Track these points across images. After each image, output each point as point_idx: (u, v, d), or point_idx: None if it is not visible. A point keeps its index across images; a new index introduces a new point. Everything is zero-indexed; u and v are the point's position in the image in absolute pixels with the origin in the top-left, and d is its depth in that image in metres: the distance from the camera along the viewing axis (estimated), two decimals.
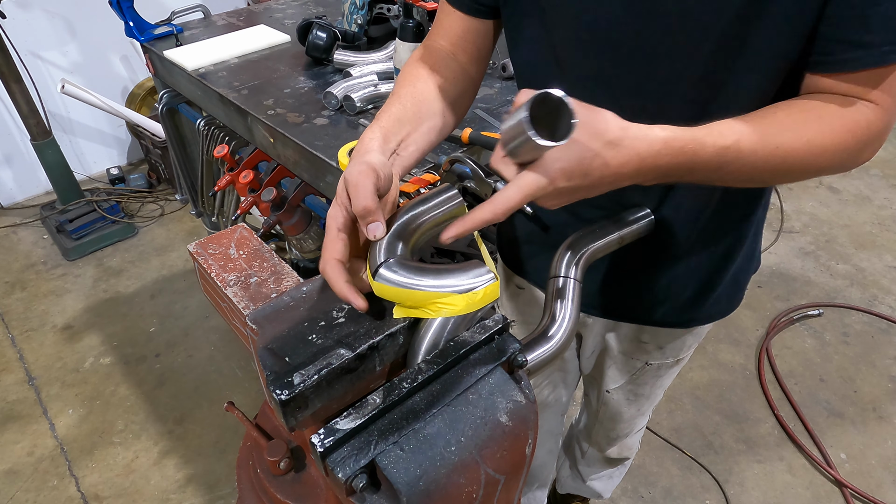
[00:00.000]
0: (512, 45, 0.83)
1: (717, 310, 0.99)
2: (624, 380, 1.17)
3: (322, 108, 1.45)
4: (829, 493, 1.88)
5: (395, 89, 0.78)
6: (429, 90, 0.78)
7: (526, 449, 0.55)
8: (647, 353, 1.08)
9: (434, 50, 0.83)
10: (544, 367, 0.66)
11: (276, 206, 1.57)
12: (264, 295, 0.68)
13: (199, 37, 1.86)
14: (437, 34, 0.85)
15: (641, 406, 1.23)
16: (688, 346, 1.08)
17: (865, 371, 2.26)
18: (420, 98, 0.76)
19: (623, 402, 1.22)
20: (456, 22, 0.82)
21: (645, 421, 1.34)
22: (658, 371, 1.13)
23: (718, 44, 0.65)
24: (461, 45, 0.83)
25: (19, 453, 1.99)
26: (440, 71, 0.80)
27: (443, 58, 0.82)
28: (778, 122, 0.62)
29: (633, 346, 1.09)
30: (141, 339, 2.40)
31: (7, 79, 2.57)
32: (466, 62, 0.84)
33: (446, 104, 0.79)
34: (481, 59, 0.86)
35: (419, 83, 0.78)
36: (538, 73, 0.80)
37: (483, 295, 0.57)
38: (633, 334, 1.07)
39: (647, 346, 1.07)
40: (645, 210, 0.82)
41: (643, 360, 1.10)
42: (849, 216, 3.05)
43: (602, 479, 1.56)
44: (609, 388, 1.20)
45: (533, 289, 1.08)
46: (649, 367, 1.11)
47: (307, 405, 0.52)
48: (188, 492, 1.87)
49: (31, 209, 3.14)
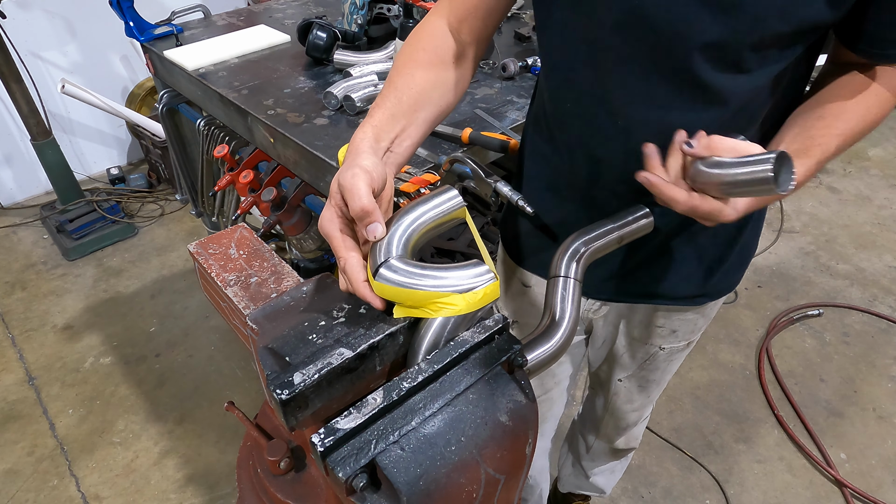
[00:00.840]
0: (541, 28, 0.81)
1: (725, 284, 1.01)
2: (636, 367, 1.18)
3: (322, 108, 1.45)
4: (829, 493, 1.88)
5: (391, 76, 0.77)
6: (427, 79, 0.77)
7: (526, 448, 0.55)
8: (661, 338, 1.10)
9: (437, 28, 0.82)
10: (544, 367, 0.66)
11: (276, 206, 1.57)
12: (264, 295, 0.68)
13: (199, 37, 1.86)
14: (444, 8, 0.83)
15: (651, 393, 1.25)
16: (698, 329, 1.10)
17: (865, 371, 2.26)
18: (418, 89, 0.75)
19: (634, 389, 1.23)
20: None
21: (650, 409, 1.36)
22: (670, 356, 1.14)
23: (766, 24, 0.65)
24: (469, 21, 0.81)
25: (19, 453, 1.99)
26: (440, 54, 0.79)
27: (446, 38, 0.81)
28: (852, 112, 0.74)
29: (646, 332, 1.10)
30: (141, 339, 2.40)
31: (7, 79, 2.57)
32: (470, 41, 0.83)
33: (445, 91, 0.79)
34: (485, 38, 0.85)
35: (418, 72, 0.77)
36: (569, 56, 0.79)
37: (483, 295, 0.57)
38: (647, 319, 1.08)
39: (661, 331, 1.08)
40: (644, 210, 0.82)
41: (657, 346, 1.11)
42: (849, 216, 3.05)
43: (605, 474, 1.57)
44: (621, 376, 1.22)
45: (537, 287, 1.08)
46: (662, 351, 1.12)
47: (307, 405, 0.52)
48: (188, 492, 1.87)
49: (32, 209, 3.14)
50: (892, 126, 3.80)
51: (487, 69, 1.63)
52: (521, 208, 0.92)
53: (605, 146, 0.82)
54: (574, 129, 0.85)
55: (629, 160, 0.80)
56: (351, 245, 0.60)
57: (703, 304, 1.03)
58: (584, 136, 0.83)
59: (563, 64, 0.81)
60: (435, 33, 0.81)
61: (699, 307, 1.04)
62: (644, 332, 1.10)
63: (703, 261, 0.95)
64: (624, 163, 0.80)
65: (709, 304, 1.04)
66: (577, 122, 0.83)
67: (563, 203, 0.92)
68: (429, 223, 0.63)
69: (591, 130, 0.82)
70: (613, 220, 0.81)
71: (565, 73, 0.81)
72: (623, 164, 0.81)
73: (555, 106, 0.86)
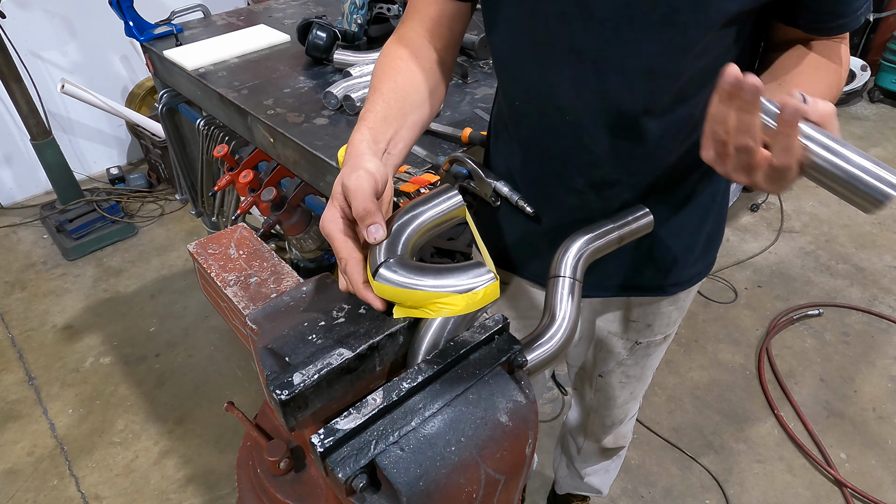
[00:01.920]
0: (490, 27, 0.83)
1: (695, 271, 1.02)
2: (615, 362, 1.19)
3: (322, 107, 1.45)
4: (829, 493, 1.88)
5: (374, 83, 0.78)
6: (409, 83, 0.78)
7: (526, 449, 0.55)
8: (637, 332, 1.11)
9: (409, 39, 0.83)
10: (544, 367, 0.66)
11: (276, 205, 1.57)
12: (264, 295, 0.68)
13: (199, 36, 1.86)
14: (412, 20, 0.85)
15: (634, 389, 1.26)
16: (673, 322, 1.11)
17: (865, 371, 2.26)
18: (402, 93, 0.76)
19: (616, 385, 1.24)
20: (432, 6, 0.83)
21: (636, 407, 1.36)
22: (647, 350, 1.15)
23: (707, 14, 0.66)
24: (436, 30, 0.84)
25: (19, 453, 1.99)
26: (417, 61, 0.81)
27: (418, 46, 0.82)
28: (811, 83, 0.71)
29: (622, 327, 1.11)
30: (141, 338, 2.40)
31: (7, 79, 2.57)
32: (441, 48, 0.85)
33: (426, 94, 0.80)
34: (454, 44, 0.87)
35: (399, 76, 0.78)
36: (518, 52, 0.80)
37: (483, 295, 0.57)
38: (622, 314, 1.09)
39: (637, 325, 1.10)
40: (644, 210, 0.83)
41: (633, 340, 1.13)
42: (849, 216, 3.05)
43: (599, 474, 1.58)
44: (602, 371, 1.23)
45: (521, 283, 1.08)
46: (639, 345, 1.14)
47: (307, 405, 0.52)
48: (188, 492, 1.87)
49: (31, 209, 3.14)
50: (892, 126, 3.80)
51: (487, 69, 1.63)
52: (520, 208, 0.92)
53: (556, 142, 0.83)
54: (526, 127, 0.86)
55: (581, 154, 0.82)
56: (352, 246, 0.60)
57: (674, 294, 1.04)
58: (536, 132, 0.85)
59: (511, 61, 0.82)
60: (408, 43, 0.83)
61: (671, 297, 1.04)
62: (619, 326, 1.12)
63: (671, 248, 0.96)
64: (577, 157, 0.83)
65: (681, 295, 1.05)
66: (528, 118, 0.85)
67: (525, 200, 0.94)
68: (429, 223, 0.63)
69: (542, 127, 0.83)
70: (613, 219, 0.81)
71: (513, 69, 0.83)
72: (576, 158, 0.83)
73: (508, 104, 0.88)
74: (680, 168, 0.85)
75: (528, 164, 0.91)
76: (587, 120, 0.78)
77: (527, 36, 0.77)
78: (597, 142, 0.80)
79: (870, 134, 3.72)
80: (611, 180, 0.84)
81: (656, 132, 0.78)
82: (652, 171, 0.84)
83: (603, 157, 0.82)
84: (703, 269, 1.03)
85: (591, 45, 0.72)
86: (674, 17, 0.68)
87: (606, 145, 0.80)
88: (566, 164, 0.85)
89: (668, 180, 0.86)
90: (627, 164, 0.82)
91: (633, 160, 0.82)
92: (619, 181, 0.84)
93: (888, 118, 3.89)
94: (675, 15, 0.67)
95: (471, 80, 1.56)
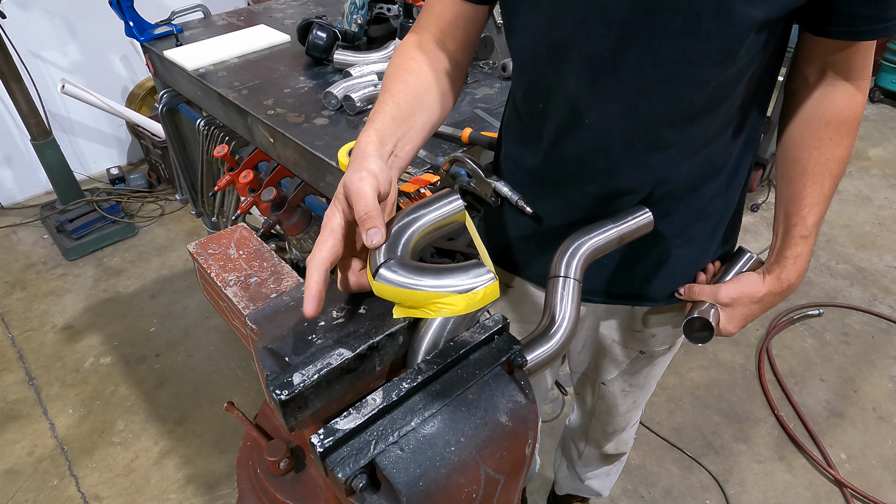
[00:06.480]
0: (509, 32, 0.82)
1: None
2: (619, 371, 1.18)
3: (322, 108, 1.45)
4: (829, 493, 1.88)
5: (385, 84, 0.77)
6: (421, 84, 0.78)
7: (526, 449, 0.55)
8: (641, 342, 1.09)
9: (423, 40, 0.83)
10: (544, 367, 0.66)
11: (276, 206, 1.57)
12: (264, 295, 0.67)
13: (199, 37, 1.86)
14: (427, 21, 0.84)
15: (636, 398, 1.25)
16: (679, 332, 1.09)
17: (865, 371, 2.26)
18: (413, 94, 0.76)
19: (619, 394, 1.23)
20: (448, 8, 0.82)
21: (639, 414, 1.35)
22: (651, 359, 1.14)
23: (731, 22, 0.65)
24: (451, 31, 0.83)
25: (19, 453, 1.99)
26: (431, 62, 0.80)
27: (432, 48, 0.82)
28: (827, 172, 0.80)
29: (626, 335, 1.09)
30: (141, 339, 2.40)
31: (7, 79, 2.57)
32: (455, 50, 0.84)
33: (438, 96, 0.79)
34: (469, 46, 0.86)
35: (411, 77, 0.78)
36: (537, 57, 0.79)
37: (483, 295, 0.57)
38: (627, 322, 1.08)
39: (641, 335, 1.08)
40: (644, 210, 0.82)
41: (637, 350, 1.11)
42: (849, 216, 3.05)
43: (600, 478, 1.57)
44: (605, 379, 1.21)
45: (525, 285, 1.08)
46: (643, 355, 1.12)
47: (307, 405, 0.52)
48: (188, 492, 1.87)
49: (31, 209, 3.14)
50: (892, 126, 3.80)
51: (487, 69, 1.63)
52: (520, 208, 0.92)
53: (573, 146, 0.82)
54: (544, 130, 0.85)
55: (598, 158, 0.81)
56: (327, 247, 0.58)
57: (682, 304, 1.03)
58: (554, 135, 0.84)
59: (531, 64, 0.82)
60: (423, 44, 0.82)
61: (678, 306, 1.03)
62: (624, 335, 1.10)
63: (682, 259, 0.95)
64: (593, 161, 0.81)
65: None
66: (546, 122, 0.84)
67: (537, 203, 0.92)
68: (428, 226, 0.63)
69: (560, 130, 0.82)
70: (614, 220, 0.81)
71: (532, 73, 0.82)
72: (592, 163, 0.82)
73: (526, 108, 0.87)
74: (696, 178, 0.84)
75: (545, 167, 0.89)
76: (605, 126, 0.77)
77: (546, 40, 0.76)
78: (613, 148, 0.79)
79: (870, 134, 3.72)
80: (625, 187, 0.83)
81: (674, 141, 0.77)
82: (667, 181, 0.83)
83: (619, 164, 0.81)
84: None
85: (610, 51, 0.71)
86: (696, 25, 0.66)
87: (623, 152, 0.79)
88: (582, 167, 0.84)
89: (683, 190, 0.85)
90: (643, 173, 0.81)
91: (650, 169, 0.81)
92: (633, 189, 0.83)
93: (888, 118, 3.89)
94: (697, 23, 0.65)
95: (471, 80, 1.56)
